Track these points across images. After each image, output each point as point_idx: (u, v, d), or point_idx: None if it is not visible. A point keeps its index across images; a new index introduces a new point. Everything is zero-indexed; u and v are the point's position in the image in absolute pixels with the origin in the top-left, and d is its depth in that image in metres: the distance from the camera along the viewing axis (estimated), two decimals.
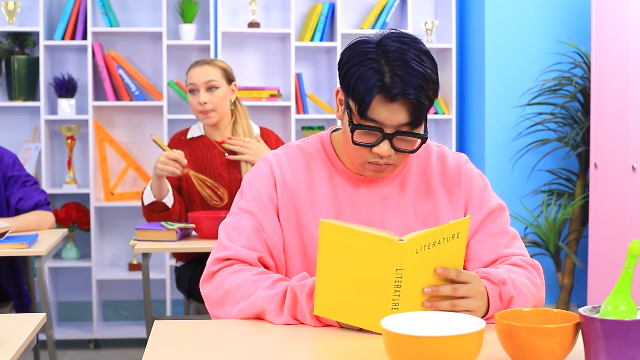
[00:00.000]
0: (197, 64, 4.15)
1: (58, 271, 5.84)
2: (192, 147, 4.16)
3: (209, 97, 4.07)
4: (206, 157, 4.12)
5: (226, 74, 4.15)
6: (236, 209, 2.28)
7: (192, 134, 4.20)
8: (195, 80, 4.10)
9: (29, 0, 5.68)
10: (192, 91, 4.11)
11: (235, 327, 2.04)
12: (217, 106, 4.09)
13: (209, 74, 4.09)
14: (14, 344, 1.95)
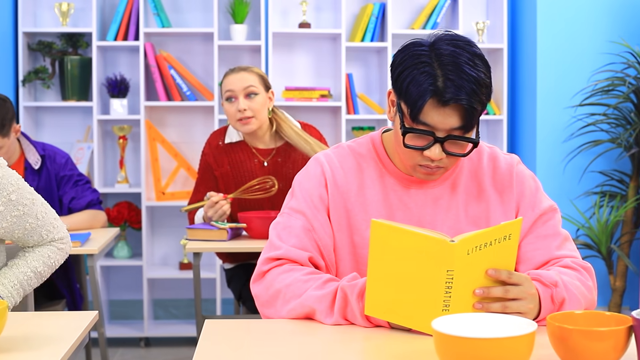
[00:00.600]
0: (232, 71, 4.03)
1: (110, 270, 5.89)
2: (231, 155, 4.08)
3: (248, 104, 3.95)
4: (246, 168, 4.04)
5: (263, 81, 4.04)
6: (287, 209, 2.28)
7: (230, 139, 4.10)
8: (233, 87, 3.97)
9: (83, 1, 5.74)
10: (229, 99, 3.99)
11: (285, 327, 2.04)
12: (257, 112, 3.96)
13: (248, 80, 3.98)
14: (67, 341, 1.97)
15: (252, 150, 4.07)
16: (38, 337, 2.02)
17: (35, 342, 1.97)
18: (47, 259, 2.60)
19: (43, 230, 2.59)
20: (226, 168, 4.04)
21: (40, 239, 2.60)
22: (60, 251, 2.65)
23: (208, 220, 3.87)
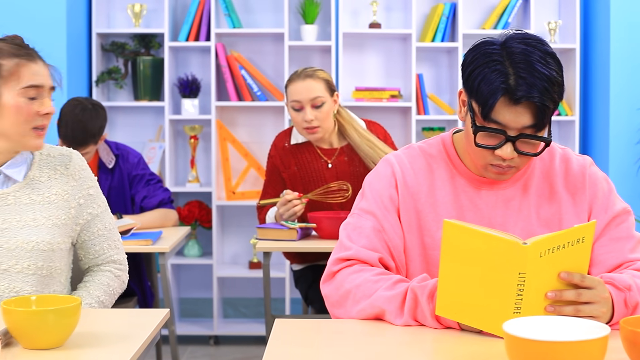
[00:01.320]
0: (299, 78, 3.97)
1: (180, 268, 5.94)
2: (298, 156, 4.09)
3: (315, 114, 3.93)
4: (313, 168, 4.05)
5: (329, 86, 3.99)
6: (357, 210, 2.28)
7: (296, 139, 4.10)
8: (299, 97, 3.93)
9: (155, 2, 5.81)
10: (295, 108, 3.96)
11: (354, 327, 2.04)
12: (323, 121, 3.95)
13: (314, 90, 3.93)
14: (138, 338, 1.99)
15: (317, 151, 4.08)
16: (110, 334, 2.05)
17: (107, 339, 2.00)
18: (107, 288, 2.59)
19: (106, 243, 2.61)
20: (293, 169, 4.05)
21: (100, 251, 2.60)
22: (118, 279, 2.63)
23: (280, 218, 3.89)
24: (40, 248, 2.42)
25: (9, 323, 1.88)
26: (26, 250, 2.41)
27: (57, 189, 2.51)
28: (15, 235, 2.42)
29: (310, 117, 3.92)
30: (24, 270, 2.41)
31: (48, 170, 2.52)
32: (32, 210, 2.46)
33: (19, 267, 2.41)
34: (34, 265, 2.42)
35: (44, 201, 2.48)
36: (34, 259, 2.42)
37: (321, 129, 3.96)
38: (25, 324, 1.87)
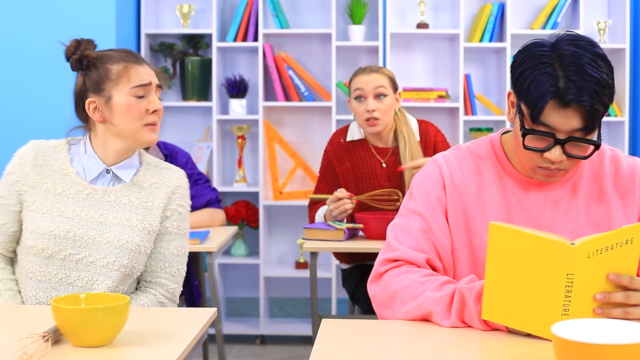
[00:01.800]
0: (364, 71, 4.07)
1: (227, 267, 5.96)
2: (352, 153, 4.12)
3: (377, 105, 3.99)
4: (367, 165, 4.08)
5: (392, 83, 4.07)
6: (405, 210, 2.28)
7: (352, 136, 4.15)
8: (363, 86, 4.02)
9: (203, 3, 5.84)
10: (358, 97, 4.03)
11: (401, 328, 2.04)
12: (384, 114, 4.00)
13: (378, 81, 4.02)
14: (186, 337, 2.01)
15: (371, 149, 4.10)
16: (158, 332, 2.06)
17: (155, 337, 2.01)
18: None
19: (162, 264, 2.64)
20: (347, 165, 4.08)
21: (154, 269, 2.64)
22: (160, 305, 2.63)
23: (329, 216, 3.90)
24: (128, 247, 2.53)
25: (58, 321, 1.91)
26: (115, 247, 2.52)
27: (156, 197, 2.62)
28: (109, 231, 2.54)
29: (372, 107, 3.98)
30: (108, 265, 2.52)
31: (152, 178, 2.64)
32: (129, 211, 2.58)
33: (105, 262, 2.52)
34: (118, 263, 2.52)
35: (142, 205, 2.59)
36: (120, 256, 2.52)
37: (381, 121, 4.01)
38: (75, 321, 1.89)
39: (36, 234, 2.53)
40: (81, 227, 2.53)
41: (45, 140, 2.69)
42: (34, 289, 2.54)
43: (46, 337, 1.89)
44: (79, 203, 2.56)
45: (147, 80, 2.57)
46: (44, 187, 2.57)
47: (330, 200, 3.88)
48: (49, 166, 2.60)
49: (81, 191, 2.57)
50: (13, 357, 1.82)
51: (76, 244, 2.52)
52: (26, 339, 1.91)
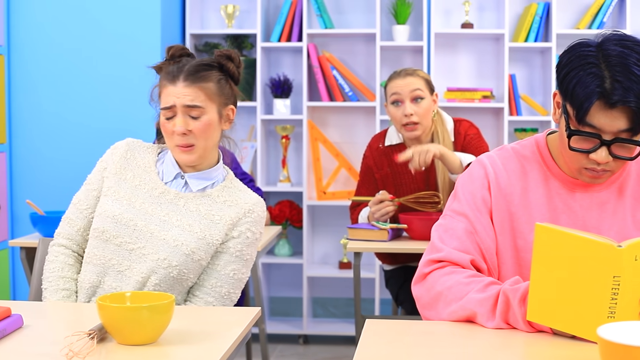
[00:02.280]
0: (398, 75, 4.01)
1: (271, 267, 5.98)
2: (391, 157, 4.08)
3: (414, 109, 3.93)
4: (406, 170, 4.01)
5: (429, 85, 4.01)
6: (449, 211, 2.27)
7: (390, 141, 4.10)
8: (399, 90, 3.95)
9: (247, 3, 5.86)
10: (395, 102, 3.96)
11: (445, 329, 2.03)
12: (422, 118, 3.94)
13: (414, 84, 3.95)
14: (230, 336, 2.01)
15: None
16: (202, 331, 2.07)
17: (199, 336, 2.02)
18: None
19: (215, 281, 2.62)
20: (386, 170, 4.06)
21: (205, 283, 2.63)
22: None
23: (372, 218, 3.90)
24: (182, 250, 2.55)
25: (104, 318, 1.92)
26: (170, 246, 2.55)
27: (225, 213, 2.63)
28: (168, 230, 2.58)
29: (409, 111, 3.93)
30: (158, 261, 2.55)
31: (227, 196, 2.67)
32: (194, 218, 2.61)
33: (156, 257, 2.55)
34: (168, 261, 2.54)
35: (208, 217, 2.61)
36: (172, 255, 2.55)
37: (420, 125, 3.96)
38: (120, 319, 1.90)
39: (102, 216, 2.62)
40: (144, 219, 2.59)
41: (142, 141, 2.79)
42: (88, 273, 2.60)
43: (92, 334, 1.91)
44: (150, 199, 2.63)
45: (170, 102, 2.60)
46: (124, 176, 2.67)
47: (372, 202, 3.87)
48: (135, 161, 2.70)
49: (155, 189, 2.64)
50: (59, 354, 1.84)
51: (134, 233, 2.58)
52: (72, 337, 1.93)
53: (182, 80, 2.60)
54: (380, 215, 3.84)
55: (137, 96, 5.27)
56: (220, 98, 2.67)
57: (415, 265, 4.04)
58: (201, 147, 2.64)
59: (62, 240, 2.71)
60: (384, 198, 3.83)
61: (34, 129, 5.37)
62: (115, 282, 2.57)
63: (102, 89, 5.32)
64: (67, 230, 2.71)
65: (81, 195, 2.72)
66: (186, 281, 2.59)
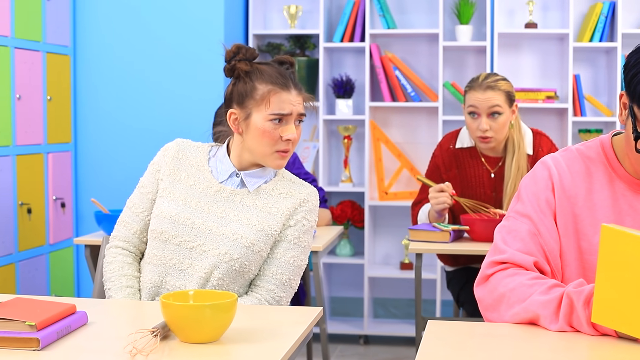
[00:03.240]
0: (480, 87, 3.92)
1: (332, 267, 5.99)
2: (460, 160, 4.07)
3: (490, 124, 3.89)
4: (473, 173, 4.03)
5: (509, 98, 3.93)
6: (512, 213, 2.25)
7: (462, 143, 4.07)
8: (477, 104, 3.89)
9: (310, 3, 5.87)
10: (472, 114, 3.92)
11: (508, 332, 2.02)
12: (497, 132, 3.91)
13: (493, 100, 3.88)
14: (292, 335, 2.02)
15: (481, 158, 4.05)
16: (264, 330, 2.08)
17: (261, 335, 2.03)
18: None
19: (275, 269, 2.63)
20: (454, 172, 4.04)
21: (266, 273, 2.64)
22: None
23: (431, 215, 3.90)
24: (242, 242, 2.58)
25: (167, 316, 1.94)
26: (229, 240, 2.58)
27: (282, 205, 2.66)
28: (227, 225, 2.61)
29: (485, 127, 3.89)
30: (219, 256, 2.57)
31: (282, 189, 2.69)
32: (251, 213, 2.63)
33: (217, 252, 2.58)
34: (229, 255, 2.57)
35: (265, 210, 2.64)
36: (232, 249, 2.57)
37: (494, 139, 3.93)
38: (183, 318, 1.92)
39: (159, 217, 2.65)
40: (201, 217, 2.62)
41: (191, 140, 2.81)
42: (150, 274, 2.63)
43: (155, 332, 1.92)
44: (205, 198, 2.65)
45: (287, 110, 2.61)
46: (178, 177, 2.69)
47: (433, 188, 3.86)
48: (187, 160, 2.73)
49: (210, 187, 2.67)
50: (123, 351, 1.86)
51: (192, 232, 2.60)
52: (136, 334, 1.95)
53: (293, 88, 2.63)
54: (435, 204, 3.84)
55: (198, 97, 5.31)
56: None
57: (476, 266, 4.02)
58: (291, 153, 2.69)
59: (118, 242, 2.75)
60: (445, 189, 3.82)
61: (98, 129, 5.44)
62: (178, 281, 2.60)
63: (165, 90, 5.37)
64: (123, 232, 2.75)
65: (135, 199, 2.75)
66: (247, 273, 2.61)
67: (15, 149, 4.71)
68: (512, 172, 3.92)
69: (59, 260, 5.23)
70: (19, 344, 1.90)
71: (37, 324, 1.92)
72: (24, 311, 1.99)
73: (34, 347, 1.89)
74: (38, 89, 4.95)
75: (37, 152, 4.95)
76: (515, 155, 3.96)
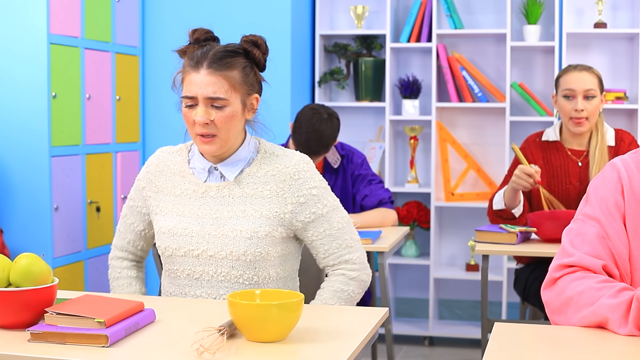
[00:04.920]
0: (575, 69, 4.06)
1: (397, 267, 5.98)
2: (546, 151, 4.12)
3: (586, 105, 3.99)
4: (559, 164, 4.06)
5: (601, 84, 4.07)
6: (581, 215, 2.23)
7: (547, 137, 4.14)
8: (573, 86, 4.01)
9: (377, 4, 5.87)
10: (567, 97, 4.03)
11: (576, 335, 1.99)
12: (591, 115, 4.01)
13: (588, 82, 4.01)
14: (358, 336, 2.02)
15: (566, 151, 4.09)
16: (330, 330, 2.09)
17: (327, 335, 2.04)
18: (341, 294, 2.63)
19: (335, 243, 2.63)
20: (540, 163, 4.09)
21: (330, 251, 2.63)
22: (353, 280, 2.65)
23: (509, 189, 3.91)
24: (243, 236, 2.55)
25: (234, 315, 1.95)
26: (229, 238, 2.56)
27: (273, 185, 2.60)
28: (223, 225, 2.57)
29: (580, 107, 3.99)
30: (227, 257, 2.56)
31: (267, 167, 2.62)
32: (244, 202, 2.59)
33: (223, 254, 2.56)
34: (236, 253, 2.55)
35: (257, 195, 2.59)
36: (236, 246, 2.55)
37: (588, 122, 4.03)
38: (250, 316, 1.93)
39: (159, 234, 2.65)
40: (197, 224, 2.59)
41: (172, 146, 2.79)
42: (171, 286, 2.66)
43: (222, 331, 1.94)
44: (196, 202, 2.62)
45: (192, 92, 2.56)
46: (166, 190, 2.68)
47: (520, 167, 3.86)
48: (169, 170, 2.70)
49: (197, 190, 2.64)
50: (190, 349, 1.87)
51: (193, 240, 2.59)
52: (203, 332, 1.97)
53: (205, 67, 2.55)
54: (517, 184, 3.86)
55: (267, 96, 5.32)
56: (244, 87, 2.62)
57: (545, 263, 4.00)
58: (223, 137, 2.58)
59: (118, 253, 2.83)
60: (534, 175, 3.82)
61: (165, 129, 5.49)
62: (198, 290, 2.61)
63: None
64: (119, 242, 2.83)
65: (126, 210, 2.80)
66: (267, 255, 2.57)
67: (85, 148, 4.78)
68: (596, 160, 4.00)
69: None
70: (88, 340, 1.93)
71: (106, 321, 1.95)
72: (93, 308, 2.02)
73: (103, 343, 1.91)
74: (107, 89, 5.01)
75: (105, 152, 5.01)
76: (599, 145, 4.04)
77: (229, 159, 2.63)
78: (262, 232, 2.55)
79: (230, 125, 2.57)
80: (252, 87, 2.66)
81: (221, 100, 2.55)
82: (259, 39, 2.67)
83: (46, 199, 4.48)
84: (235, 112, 2.58)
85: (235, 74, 2.58)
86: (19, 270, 2.07)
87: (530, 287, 4.04)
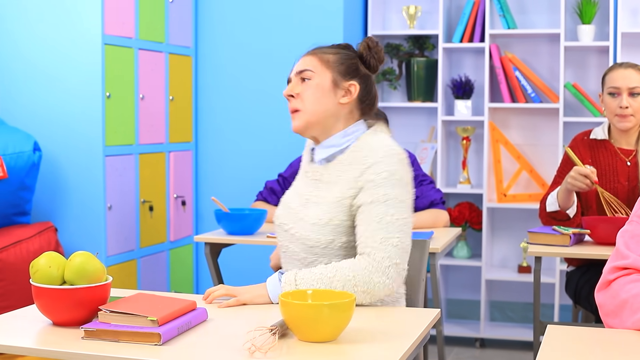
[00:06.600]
0: (620, 66, 4.05)
1: (449, 269, 5.95)
2: (594, 150, 4.09)
3: (631, 102, 3.98)
4: (607, 162, 4.03)
5: None
6: (636, 217, 2.20)
7: (595, 136, 4.12)
8: (618, 83, 4.00)
9: (429, 4, 5.85)
10: (612, 94, 4.02)
11: (630, 338, 1.97)
12: (636, 112, 3.99)
13: (634, 80, 4.00)
14: (410, 337, 2.02)
15: (615, 150, 4.06)
16: (382, 331, 2.09)
17: (379, 335, 2.04)
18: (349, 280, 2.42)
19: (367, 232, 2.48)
20: (588, 161, 4.06)
21: (360, 238, 2.50)
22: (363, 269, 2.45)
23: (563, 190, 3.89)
24: (310, 221, 2.59)
25: (286, 315, 1.96)
26: (308, 224, 2.58)
27: (349, 172, 2.57)
28: (308, 208, 2.62)
29: (625, 104, 3.98)
30: (302, 239, 2.59)
31: (354, 155, 2.60)
32: (327, 189, 2.60)
33: (299, 235, 2.60)
34: (305, 237, 2.58)
35: (332, 180, 2.60)
36: (311, 232, 2.57)
37: (633, 118, 4.01)
38: (301, 316, 1.93)
39: None
40: (296, 200, 2.69)
41: None
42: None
43: (274, 330, 1.94)
44: (302, 180, 2.74)
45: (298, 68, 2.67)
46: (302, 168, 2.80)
47: (576, 169, 3.83)
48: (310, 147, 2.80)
49: (306, 169, 2.74)
50: (242, 348, 1.88)
51: (289, 215, 2.67)
52: (255, 331, 1.98)
53: (311, 52, 2.70)
54: (572, 185, 3.83)
55: None
56: (337, 67, 2.63)
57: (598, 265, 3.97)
58: (308, 112, 2.61)
59: None
60: (591, 176, 3.79)
61: (218, 129, 5.53)
62: (285, 265, 2.69)
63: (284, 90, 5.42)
64: None
65: None
66: (334, 243, 2.56)
67: (138, 148, 4.82)
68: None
69: (179, 257, 5.33)
70: (140, 338, 1.94)
71: (159, 320, 1.96)
72: (146, 306, 2.04)
73: (155, 341, 1.93)
74: (160, 89, 5.05)
75: (159, 151, 5.05)
76: None
77: (323, 142, 2.67)
78: (335, 220, 2.54)
79: (314, 98, 2.62)
80: (349, 72, 2.66)
81: (307, 72, 2.64)
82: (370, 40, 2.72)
83: (100, 198, 4.53)
84: (321, 85, 2.63)
85: (330, 56, 2.67)
86: (74, 268, 2.10)
87: (582, 290, 4.01)
